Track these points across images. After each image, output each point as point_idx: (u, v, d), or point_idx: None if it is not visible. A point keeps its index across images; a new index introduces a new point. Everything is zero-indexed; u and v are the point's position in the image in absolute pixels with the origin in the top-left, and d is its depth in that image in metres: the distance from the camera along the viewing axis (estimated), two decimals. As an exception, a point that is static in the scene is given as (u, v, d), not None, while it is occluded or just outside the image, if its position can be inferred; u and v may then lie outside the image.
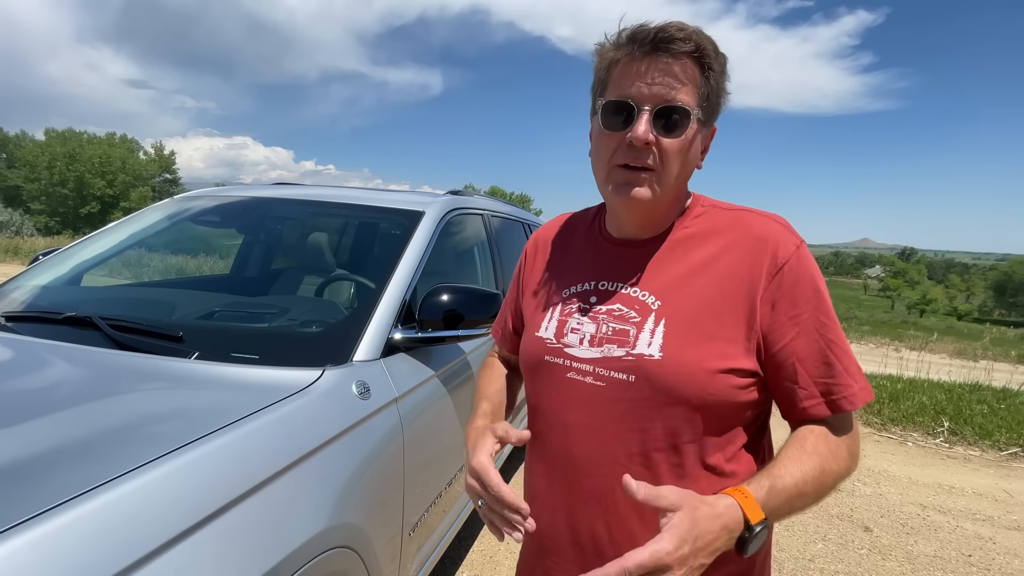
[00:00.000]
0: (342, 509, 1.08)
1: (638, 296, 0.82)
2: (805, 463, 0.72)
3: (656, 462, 0.78)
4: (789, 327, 0.76)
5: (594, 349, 0.82)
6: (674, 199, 0.84)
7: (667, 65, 0.74)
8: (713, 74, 0.76)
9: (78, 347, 1.29)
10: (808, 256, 0.79)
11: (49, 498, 0.71)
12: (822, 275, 0.79)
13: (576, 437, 0.82)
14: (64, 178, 39.64)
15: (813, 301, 0.76)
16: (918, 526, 3.09)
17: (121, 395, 1.09)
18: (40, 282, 1.80)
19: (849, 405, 0.75)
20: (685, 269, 0.81)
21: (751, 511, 0.67)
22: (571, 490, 0.84)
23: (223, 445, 0.92)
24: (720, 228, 0.83)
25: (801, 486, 0.71)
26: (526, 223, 3.49)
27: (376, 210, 2.18)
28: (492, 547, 2.55)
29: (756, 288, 0.76)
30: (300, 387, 1.17)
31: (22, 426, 0.91)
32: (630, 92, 0.75)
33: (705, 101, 0.77)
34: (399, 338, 1.51)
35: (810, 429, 0.77)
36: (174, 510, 0.79)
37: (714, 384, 0.75)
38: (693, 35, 0.74)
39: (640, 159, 0.76)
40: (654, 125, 0.75)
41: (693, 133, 0.77)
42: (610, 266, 0.87)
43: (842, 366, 0.76)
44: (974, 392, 5.68)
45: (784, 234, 0.79)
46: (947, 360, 10.73)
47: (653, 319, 0.79)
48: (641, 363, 0.77)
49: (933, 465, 4.08)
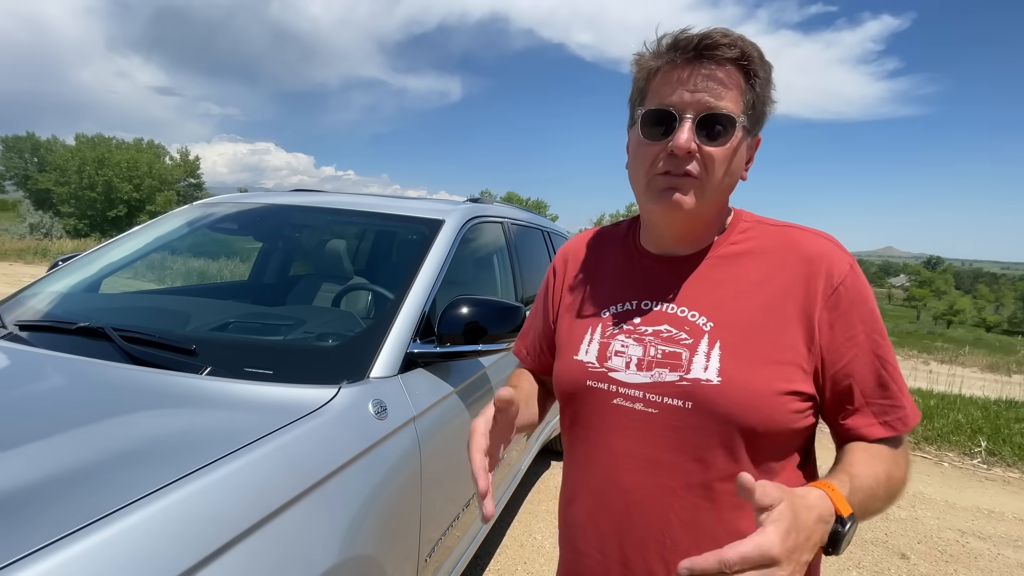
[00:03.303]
0: (355, 540, 1.02)
1: (687, 316, 0.78)
2: (876, 466, 0.71)
3: (717, 492, 0.74)
4: (847, 348, 0.73)
5: (643, 373, 0.78)
6: (716, 211, 0.80)
7: (710, 72, 0.71)
8: (759, 81, 0.74)
9: (88, 360, 1.25)
10: (861, 274, 0.77)
11: (44, 534, 0.66)
12: (873, 293, 0.77)
13: (626, 468, 0.78)
14: (93, 182, 40.70)
15: (868, 321, 0.74)
16: (957, 553, 2.93)
17: (128, 415, 1.04)
18: (57, 289, 1.78)
19: (903, 427, 0.74)
20: (736, 289, 0.77)
21: (840, 504, 0.63)
22: (622, 525, 0.79)
23: (231, 473, 0.86)
24: (769, 246, 0.79)
25: (875, 488, 0.69)
26: (545, 231, 3.43)
27: (395, 218, 2.13)
28: (509, 567, 2.47)
29: (812, 309, 0.74)
30: (315, 406, 1.12)
31: (21, 449, 0.86)
32: (671, 100, 0.73)
33: (751, 109, 0.74)
34: (418, 353, 1.45)
35: (867, 443, 0.75)
36: (177, 547, 0.73)
37: (776, 409, 0.72)
38: (738, 41, 0.71)
39: (682, 167, 0.73)
40: (697, 133, 0.72)
41: (738, 141, 0.74)
42: (651, 284, 0.83)
43: (896, 386, 0.75)
44: (1011, 409, 5.42)
45: (837, 252, 0.76)
46: (979, 374, 10.36)
47: (707, 341, 0.75)
48: (698, 388, 0.74)
49: (971, 487, 3.89)
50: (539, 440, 2.86)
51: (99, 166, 40.92)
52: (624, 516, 0.78)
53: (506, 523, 2.83)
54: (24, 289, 1.80)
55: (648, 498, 0.77)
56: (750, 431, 0.72)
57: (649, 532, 0.77)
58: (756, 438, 0.72)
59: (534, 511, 2.99)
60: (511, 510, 2.96)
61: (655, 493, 0.76)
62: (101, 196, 41.07)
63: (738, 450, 0.73)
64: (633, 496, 0.77)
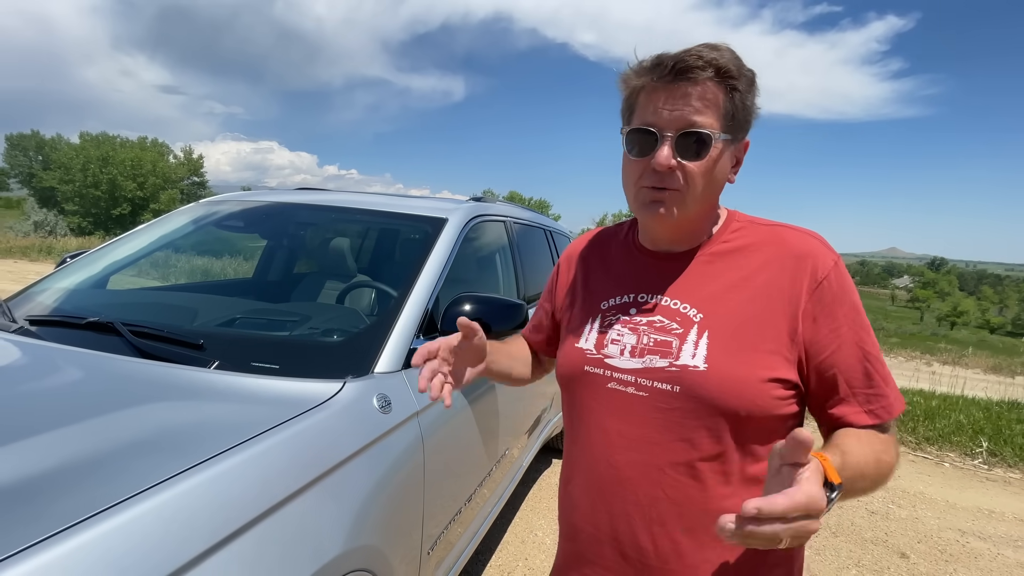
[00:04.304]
0: (360, 530, 1.04)
1: (679, 308, 0.83)
2: (865, 447, 0.74)
3: (702, 471, 0.79)
4: (830, 340, 0.78)
5: (635, 360, 0.83)
6: (702, 215, 0.85)
7: (687, 91, 0.76)
8: (738, 94, 0.77)
9: (98, 354, 1.27)
10: (845, 271, 0.81)
11: (57, 521, 0.68)
12: (856, 288, 0.82)
13: (619, 447, 0.83)
14: (97, 180, 40.83)
15: (851, 315, 0.79)
16: (957, 553, 2.94)
17: (138, 407, 1.06)
18: (66, 285, 1.81)
19: (887, 415, 0.78)
20: (726, 283, 0.83)
21: (831, 472, 0.66)
22: (612, 500, 0.84)
23: (239, 464, 0.89)
24: (759, 243, 0.84)
25: (863, 467, 0.72)
26: (548, 229, 3.44)
27: (399, 216, 2.15)
28: (510, 562, 2.49)
29: (797, 302, 0.78)
30: (320, 400, 1.14)
31: (36, 439, 0.88)
32: (652, 120, 0.78)
33: (731, 120, 0.78)
34: (421, 349, 1.46)
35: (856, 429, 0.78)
36: (185, 536, 0.75)
37: (759, 395, 0.76)
38: (713, 60, 0.75)
39: (664, 182, 0.79)
40: (677, 149, 0.77)
41: (718, 153, 0.78)
42: (648, 278, 0.88)
43: (880, 377, 0.78)
44: (1013, 410, 5.42)
45: (822, 250, 0.81)
46: (982, 375, 10.34)
47: (696, 331, 0.80)
48: (685, 374, 0.79)
49: (972, 488, 3.89)
50: (540, 438, 2.88)
51: (103, 164, 41.04)
52: (615, 491, 0.84)
53: (508, 519, 2.85)
54: (33, 285, 1.83)
55: (638, 475, 0.82)
56: (733, 414, 0.77)
57: (637, 507, 0.82)
58: (739, 422, 0.77)
59: (535, 508, 3.01)
60: (513, 506, 2.98)
61: (644, 471, 0.81)
62: (105, 194, 41.19)
63: (722, 432, 0.77)
64: (624, 472, 0.83)
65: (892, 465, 0.77)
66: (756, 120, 0.82)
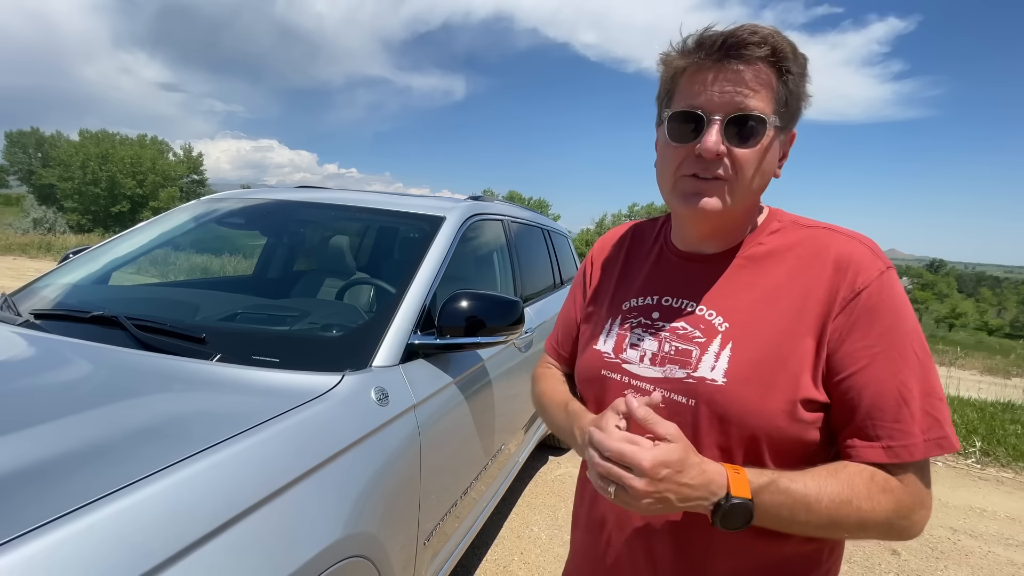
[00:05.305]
0: (358, 518, 1.07)
1: (704, 315, 0.77)
2: (829, 485, 0.66)
3: None
4: (858, 357, 0.68)
5: (656, 368, 0.78)
6: (747, 211, 0.78)
7: (739, 71, 0.68)
8: (792, 77, 0.70)
9: (103, 347, 1.30)
10: (894, 283, 0.71)
11: (64, 503, 0.71)
12: (911, 306, 0.71)
13: None
14: (96, 177, 40.85)
15: (892, 334, 0.68)
16: (948, 550, 2.97)
17: (143, 396, 1.09)
18: (70, 280, 1.84)
19: (907, 455, 0.66)
20: (757, 291, 0.75)
21: (736, 485, 0.65)
22: (614, 507, 0.83)
23: (242, 451, 0.92)
24: (797, 247, 0.76)
25: (812, 502, 0.65)
26: (546, 229, 3.47)
27: (397, 215, 2.18)
28: (506, 556, 2.52)
29: (829, 313, 0.70)
30: (319, 392, 1.17)
31: (45, 426, 0.91)
32: (699, 101, 0.70)
33: (784, 107, 0.71)
34: (418, 344, 1.50)
35: (857, 465, 0.68)
36: (190, 517, 0.78)
37: (777, 415, 0.69)
38: (768, 38, 0.68)
39: (710, 170, 0.71)
40: (726, 135, 0.70)
41: (769, 141, 0.71)
42: (675, 281, 0.82)
43: (909, 411, 0.66)
44: (1007, 411, 5.46)
45: (868, 257, 0.71)
46: (977, 377, 10.37)
47: (719, 342, 0.74)
48: (702, 387, 0.73)
49: (964, 487, 3.93)
50: (537, 434, 2.91)
51: (103, 162, 41.05)
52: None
53: (504, 515, 2.88)
54: (37, 280, 1.86)
55: None
56: (749, 435, 0.70)
57: (634, 516, 0.81)
58: (754, 442, 0.70)
59: (531, 503, 3.04)
60: (509, 502, 3.01)
61: None
62: (104, 192, 41.19)
63: (734, 451, 0.72)
64: None
65: (871, 518, 0.66)
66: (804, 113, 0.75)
